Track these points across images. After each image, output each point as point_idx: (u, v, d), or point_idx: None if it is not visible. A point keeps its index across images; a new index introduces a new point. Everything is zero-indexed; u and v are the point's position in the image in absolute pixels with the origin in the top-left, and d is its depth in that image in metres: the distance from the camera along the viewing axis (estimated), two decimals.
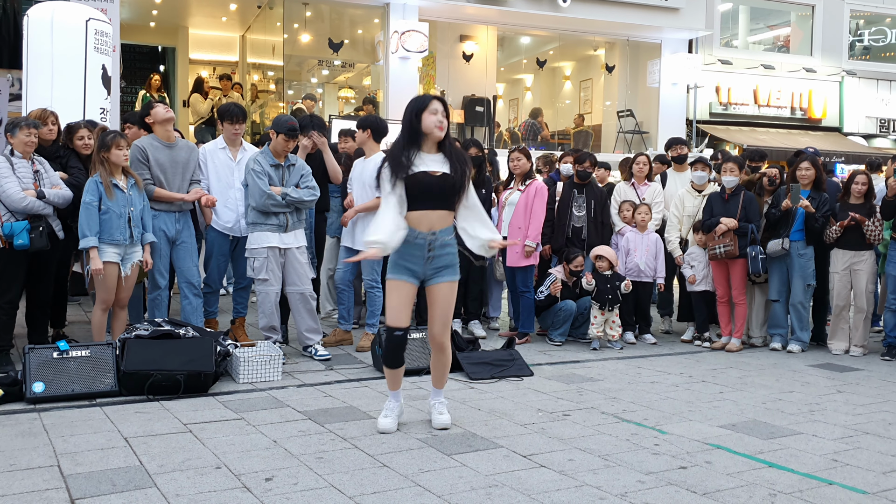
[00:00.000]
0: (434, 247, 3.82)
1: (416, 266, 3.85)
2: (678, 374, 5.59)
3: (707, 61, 15.23)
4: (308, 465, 3.44)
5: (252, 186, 5.36)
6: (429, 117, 3.81)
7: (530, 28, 14.82)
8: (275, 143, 5.42)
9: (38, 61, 6.69)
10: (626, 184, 7.21)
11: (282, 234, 5.39)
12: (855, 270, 6.33)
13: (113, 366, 4.56)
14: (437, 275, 3.89)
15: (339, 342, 6.11)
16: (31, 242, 4.92)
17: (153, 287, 5.47)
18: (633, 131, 14.78)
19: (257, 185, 5.32)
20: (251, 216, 5.42)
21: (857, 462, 3.67)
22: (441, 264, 3.87)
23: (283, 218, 5.40)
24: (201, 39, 15.67)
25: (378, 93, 13.60)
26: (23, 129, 5.08)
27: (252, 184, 5.36)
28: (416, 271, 3.87)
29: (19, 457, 3.47)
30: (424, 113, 3.82)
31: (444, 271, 3.89)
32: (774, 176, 6.78)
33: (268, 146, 5.49)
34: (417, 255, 3.83)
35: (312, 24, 14.44)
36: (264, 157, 5.43)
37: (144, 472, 3.30)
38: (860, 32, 17.06)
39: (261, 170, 5.35)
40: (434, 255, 3.84)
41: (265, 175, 5.36)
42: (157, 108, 5.46)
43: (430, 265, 3.85)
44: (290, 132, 5.40)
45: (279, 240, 5.39)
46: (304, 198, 5.44)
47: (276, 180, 5.40)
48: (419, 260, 3.84)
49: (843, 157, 14.59)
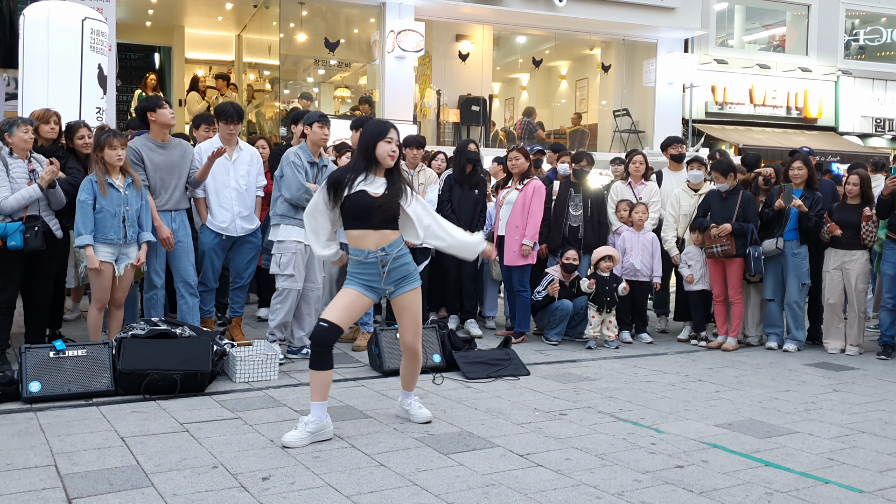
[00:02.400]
0: (387, 262, 3.86)
1: (375, 283, 3.88)
2: (675, 373, 5.60)
3: (703, 61, 15.26)
4: (305, 465, 3.44)
5: (290, 178, 5.31)
6: (383, 146, 3.85)
7: (526, 27, 14.83)
8: (312, 136, 5.40)
9: (35, 61, 6.67)
10: (622, 183, 7.22)
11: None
12: (846, 269, 6.34)
13: (109, 365, 4.55)
14: (399, 287, 3.93)
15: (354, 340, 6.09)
16: (26, 243, 4.90)
17: (149, 287, 5.46)
18: (630, 130, 14.80)
19: (295, 177, 5.29)
20: (281, 208, 5.37)
21: (853, 461, 3.69)
22: (399, 276, 3.91)
23: None
24: (197, 39, 15.66)
25: (374, 92, 13.60)
26: (20, 127, 5.07)
27: (290, 175, 5.31)
28: (376, 288, 3.90)
29: (16, 456, 3.47)
30: (381, 141, 3.85)
31: (404, 282, 3.93)
32: (770, 175, 6.79)
33: (304, 142, 5.47)
34: (373, 273, 3.87)
35: (308, 24, 14.43)
36: (304, 152, 5.42)
37: (141, 472, 3.30)
38: (856, 32, 17.10)
39: (300, 163, 5.35)
40: (390, 270, 3.87)
41: (303, 169, 5.35)
42: (165, 110, 5.40)
43: (388, 280, 3.89)
44: (323, 118, 5.43)
45: (305, 235, 5.36)
46: None
47: (311, 177, 5.39)
48: (376, 278, 3.87)
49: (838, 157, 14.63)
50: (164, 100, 5.59)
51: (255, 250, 5.97)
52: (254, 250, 5.95)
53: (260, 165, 6.00)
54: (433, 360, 5.30)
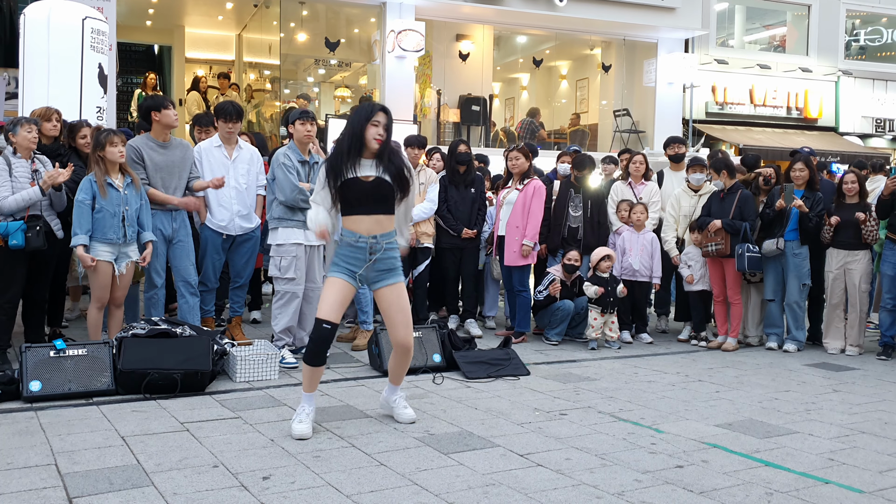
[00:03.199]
0: (376, 250, 3.87)
1: (357, 268, 3.89)
2: (675, 373, 5.60)
3: (703, 61, 15.25)
4: (305, 464, 3.44)
5: (282, 180, 5.27)
6: (370, 129, 3.87)
7: (527, 27, 14.82)
8: (296, 134, 5.36)
9: (35, 60, 6.68)
10: (622, 183, 7.22)
11: (306, 230, 5.29)
12: (849, 270, 6.35)
13: (110, 365, 4.55)
14: (381, 279, 3.95)
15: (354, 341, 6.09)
16: (27, 242, 4.91)
17: (149, 286, 5.45)
18: (630, 130, 14.79)
19: (288, 179, 5.25)
20: (277, 211, 5.33)
21: (853, 461, 3.69)
22: (384, 267, 3.93)
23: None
24: (197, 38, 15.65)
25: (374, 92, 13.60)
26: (24, 126, 5.07)
27: (282, 177, 5.27)
28: (358, 273, 3.90)
29: (16, 455, 3.47)
30: (367, 124, 3.87)
31: (388, 275, 3.95)
32: (770, 176, 6.80)
33: (292, 142, 5.44)
34: (359, 258, 3.88)
35: (309, 24, 14.42)
36: (293, 152, 5.37)
37: (142, 471, 3.30)
38: (856, 32, 17.09)
39: (291, 164, 5.30)
40: (377, 259, 3.89)
41: (294, 170, 5.31)
42: (171, 111, 5.40)
43: (372, 268, 3.90)
44: (304, 115, 5.38)
45: (304, 237, 5.32)
46: None
47: (302, 176, 5.35)
48: (360, 263, 3.88)
49: (838, 157, 14.62)
50: (170, 101, 5.59)
51: (254, 249, 5.96)
52: (253, 249, 5.95)
53: (260, 164, 5.99)
54: (433, 359, 5.30)
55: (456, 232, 6.65)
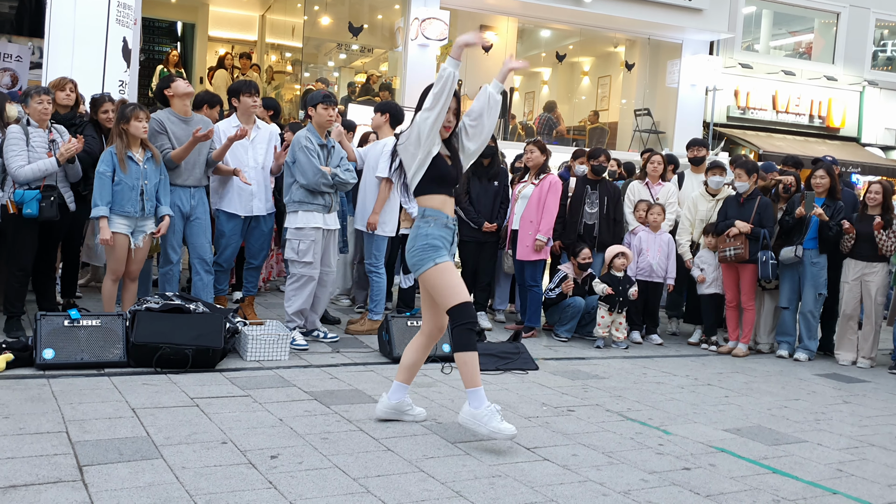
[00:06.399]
0: (455, 234, 3.82)
1: (447, 249, 3.78)
2: (684, 375, 5.58)
3: (727, 64, 15.14)
4: (313, 445, 3.45)
5: (305, 163, 5.21)
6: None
7: (551, 21, 14.74)
8: (318, 118, 5.33)
9: (60, 30, 6.70)
10: (640, 183, 7.19)
11: (325, 215, 5.32)
12: (866, 281, 6.30)
13: (122, 337, 4.58)
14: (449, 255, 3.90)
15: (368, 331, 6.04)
16: (41, 211, 4.95)
17: (165, 261, 5.48)
18: (650, 130, 14.71)
19: (311, 162, 5.20)
20: (297, 195, 5.29)
21: (862, 473, 3.66)
22: (453, 251, 3.89)
23: (328, 198, 5.33)
24: (221, 17, 15.65)
25: (395, 79, 13.57)
26: (34, 97, 5.10)
27: (305, 160, 5.21)
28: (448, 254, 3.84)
29: (28, 421, 3.50)
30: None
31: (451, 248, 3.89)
32: (790, 183, 6.74)
33: (311, 124, 5.41)
34: (448, 240, 3.76)
35: (333, 7, 14.40)
36: (313, 134, 5.33)
37: (151, 443, 3.32)
38: (884, 42, 16.90)
39: (313, 147, 5.25)
40: (453, 242, 3.84)
41: (316, 153, 5.26)
42: (178, 81, 5.47)
43: (451, 251, 3.85)
44: (327, 98, 5.35)
45: (323, 221, 5.32)
46: (349, 180, 5.42)
47: (321, 160, 5.32)
48: (449, 244, 3.78)
49: (859, 168, 14.49)
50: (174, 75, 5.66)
51: (270, 231, 5.99)
52: (269, 230, 5.97)
53: (277, 142, 6.01)
54: (443, 349, 5.30)
55: (477, 225, 6.62)
